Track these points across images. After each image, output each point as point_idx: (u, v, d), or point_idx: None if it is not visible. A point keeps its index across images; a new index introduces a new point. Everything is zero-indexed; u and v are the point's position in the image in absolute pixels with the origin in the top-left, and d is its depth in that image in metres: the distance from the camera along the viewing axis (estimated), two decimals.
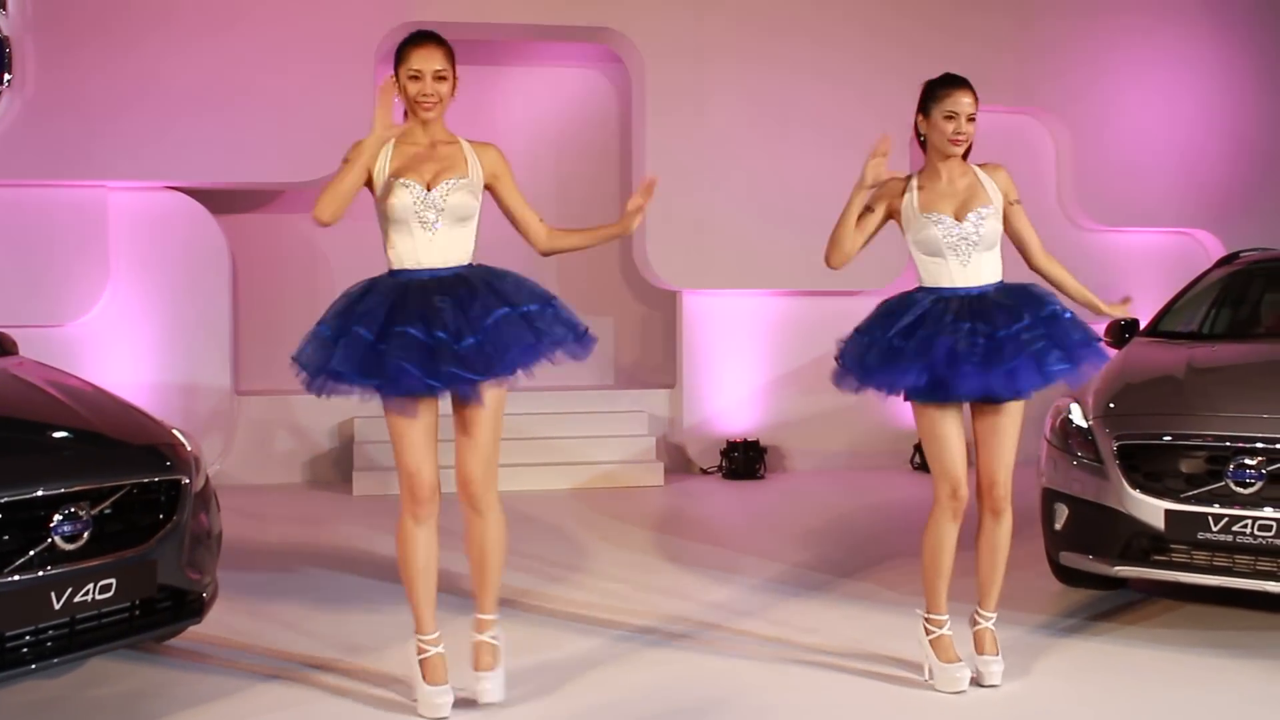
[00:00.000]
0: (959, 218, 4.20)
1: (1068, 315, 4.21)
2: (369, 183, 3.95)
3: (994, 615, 4.36)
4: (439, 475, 4.05)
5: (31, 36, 8.38)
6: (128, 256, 8.70)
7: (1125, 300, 4.49)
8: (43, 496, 3.63)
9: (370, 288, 3.94)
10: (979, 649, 4.33)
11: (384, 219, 3.95)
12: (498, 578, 4.17)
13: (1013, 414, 4.23)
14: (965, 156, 4.32)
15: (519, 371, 3.92)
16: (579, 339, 4.06)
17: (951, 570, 4.30)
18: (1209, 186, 10.39)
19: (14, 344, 5.04)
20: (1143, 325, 6.36)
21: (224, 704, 4.13)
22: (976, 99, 4.26)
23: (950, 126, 4.21)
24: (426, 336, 3.77)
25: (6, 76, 8.29)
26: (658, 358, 10.21)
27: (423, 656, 4.02)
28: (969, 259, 4.21)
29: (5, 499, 3.56)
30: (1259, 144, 10.56)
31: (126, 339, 8.63)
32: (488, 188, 4.10)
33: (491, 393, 3.97)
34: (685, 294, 9.57)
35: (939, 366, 4.07)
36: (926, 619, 4.34)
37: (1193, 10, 10.55)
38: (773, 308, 9.65)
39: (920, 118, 4.32)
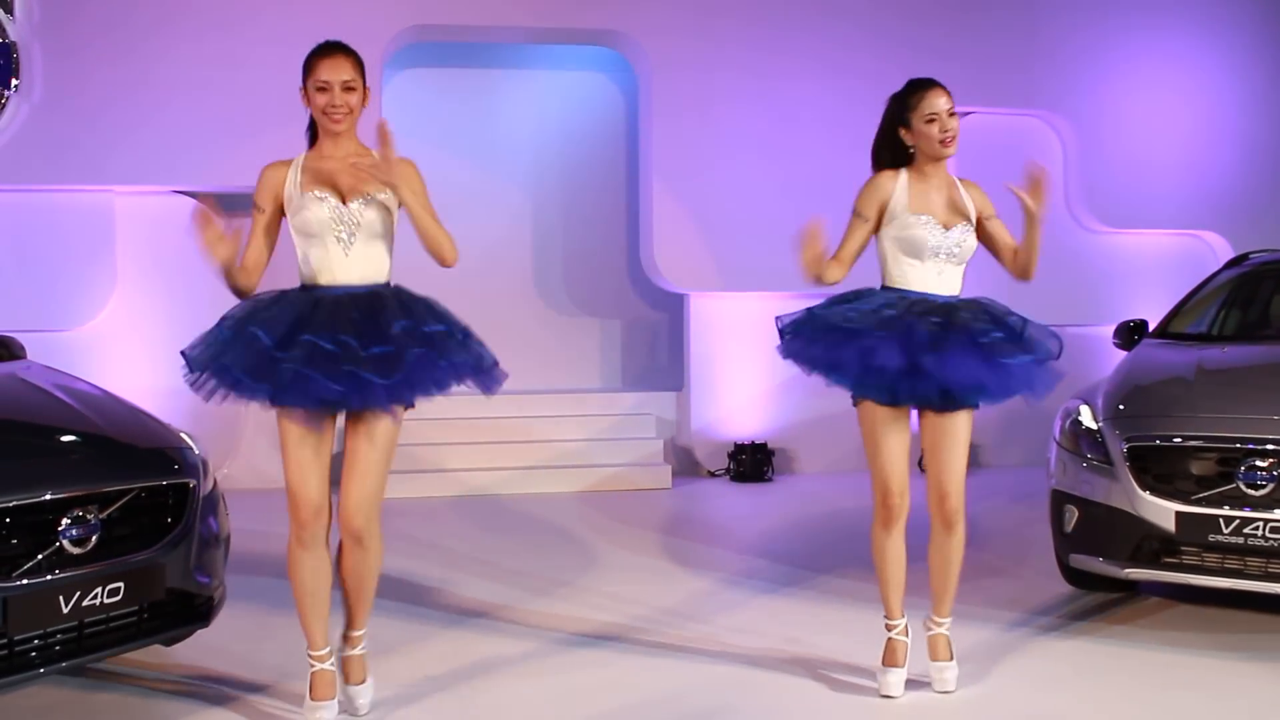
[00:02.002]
0: (946, 227, 4.13)
1: (1027, 334, 4.09)
2: (279, 205, 3.89)
3: (948, 620, 4.28)
4: (327, 496, 3.87)
5: (38, 42, 8.39)
6: (135, 261, 8.71)
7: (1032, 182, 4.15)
8: (51, 500, 3.62)
9: (280, 298, 3.86)
10: (932, 655, 4.26)
11: (298, 234, 3.85)
12: (373, 598, 4.02)
13: (963, 424, 4.14)
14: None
15: (419, 395, 3.78)
16: (485, 370, 3.89)
17: (901, 575, 4.25)
18: (1217, 188, 10.38)
19: (22, 348, 5.05)
20: (1152, 327, 6.35)
21: (231, 708, 4.12)
22: (950, 95, 4.16)
23: (935, 129, 4.11)
24: (333, 346, 3.65)
25: (14, 82, 8.31)
26: (665, 361, 10.21)
27: (311, 670, 3.93)
28: (943, 270, 4.14)
29: (13, 503, 3.55)
30: (1267, 145, 10.54)
31: (135, 343, 8.63)
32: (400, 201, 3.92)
33: (383, 423, 3.80)
34: (692, 297, 9.57)
35: (920, 350, 3.94)
36: (884, 622, 4.30)
37: (1200, 12, 10.53)
38: (779, 310, 9.59)
39: (902, 130, 4.19)
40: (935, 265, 4.13)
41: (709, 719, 4.07)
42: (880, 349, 3.97)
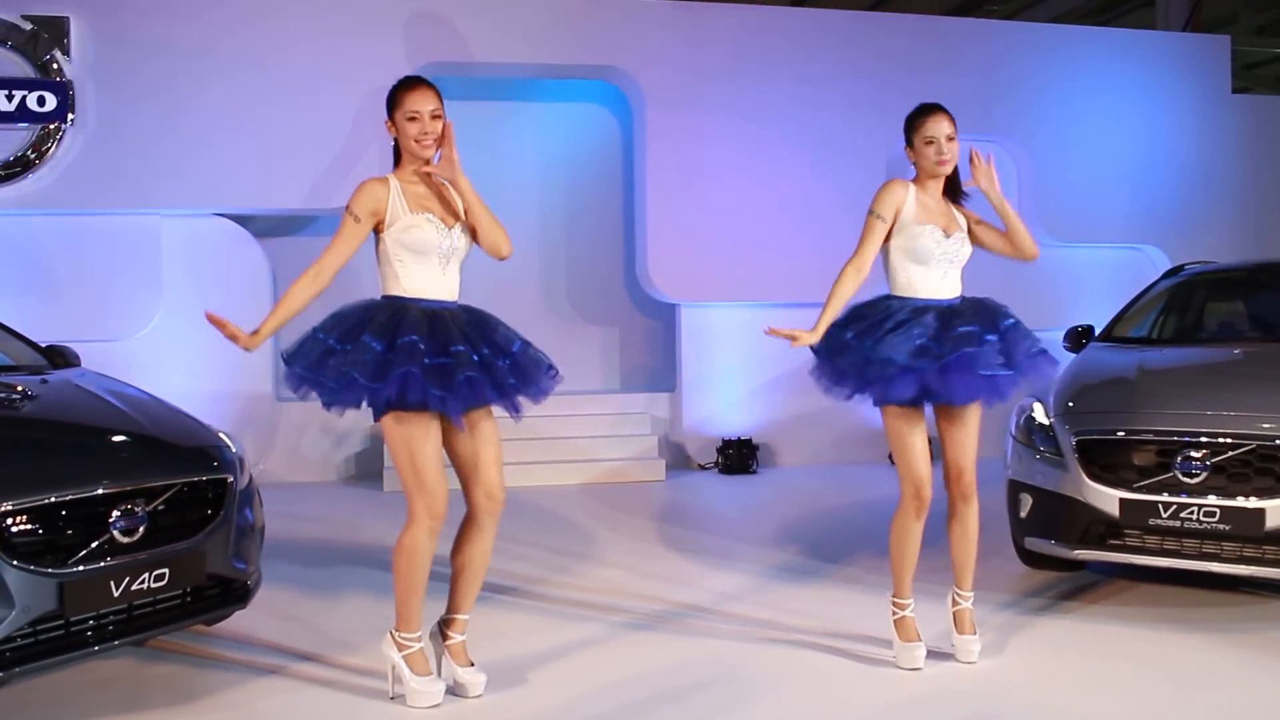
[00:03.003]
0: (947, 234, 4.17)
1: (1020, 327, 4.19)
2: (378, 220, 3.78)
3: (971, 595, 4.31)
4: None
5: (92, 80, 8.41)
6: (179, 277, 8.72)
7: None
8: (103, 494, 3.63)
9: (398, 311, 3.73)
10: (960, 629, 4.27)
11: (405, 250, 3.76)
12: None
13: (974, 412, 4.21)
14: (956, 174, 4.29)
15: (534, 399, 3.87)
16: (554, 377, 3.96)
17: (916, 560, 4.25)
18: (1156, 206, 10.43)
19: (77, 357, 5.05)
20: (1098, 331, 6.36)
21: (267, 681, 4.12)
22: (953, 121, 4.21)
23: (932, 150, 4.17)
24: (477, 356, 3.69)
25: (70, 116, 8.32)
26: (659, 364, 10.22)
27: (408, 651, 3.82)
28: (946, 273, 4.18)
29: (69, 497, 3.56)
30: (1201, 168, 10.62)
31: (178, 352, 8.63)
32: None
33: (493, 420, 3.88)
34: (683, 306, 9.57)
35: (931, 380, 4.01)
36: (894, 601, 4.28)
37: (1141, 51, 10.60)
38: (762, 318, 9.60)
39: (906, 149, 4.26)
40: (940, 269, 4.16)
41: (697, 690, 4.06)
42: (899, 382, 4.02)
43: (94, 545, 3.58)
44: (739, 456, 9.23)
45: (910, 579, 4.26)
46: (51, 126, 8.30)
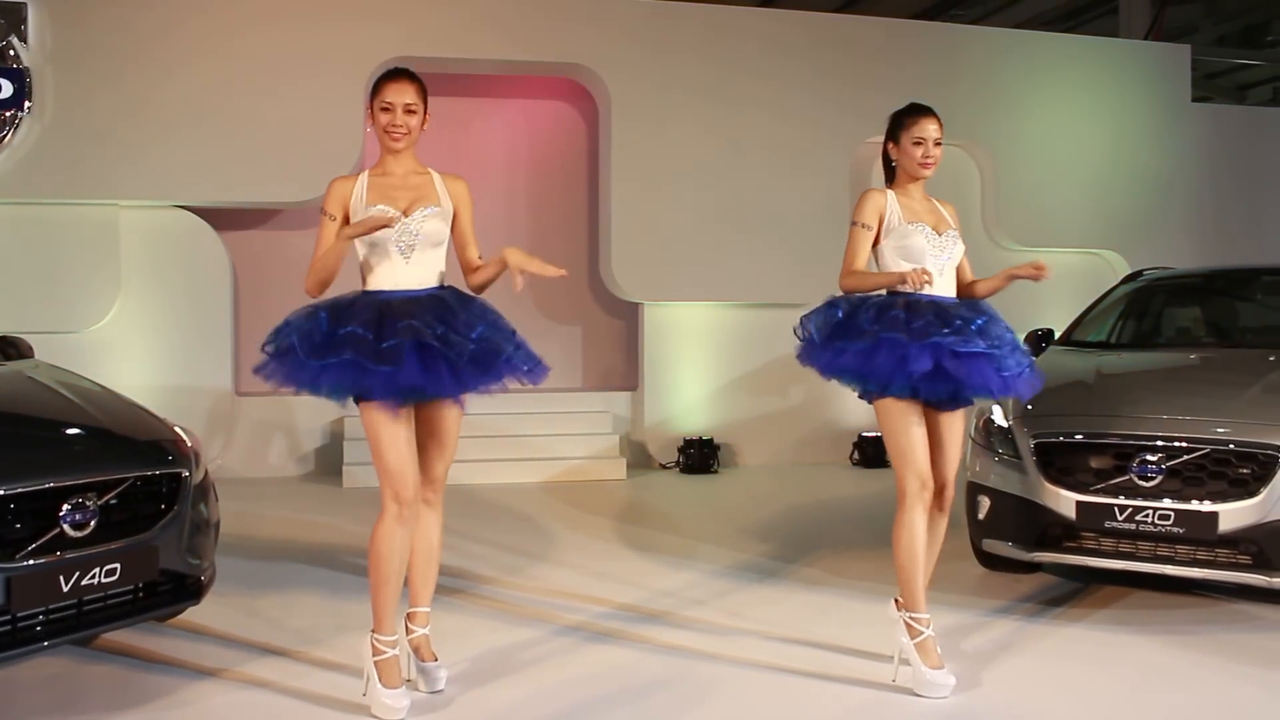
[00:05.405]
0: (938, 232, 4.10)
1: (1013, 337, 4.08)
2: (345, 216, 3.79)
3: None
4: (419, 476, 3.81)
5: (50, 67, 8.29)
6: (138, 269, 8.61)
7: (1033, 265, 4.11)
8: (53, 488, 3.57)
9: (351, 303, 3.71)
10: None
11: (362, 243, 3.78)
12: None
13: (962, 420, 4.14)
14: None
15: (482, 389, 3.75)
16: (536, 368, 3.89)
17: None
18: (1116, 211, 10.54)
19: (30, 348, 4.97)
20: (1057, 335, 6.40)
21: (221, 678, 4.07)
22: (941, 125, 4.15)
23: (919, 152, 4.10)
24: (418, 345, 3.59)
25: (27, 104, 8.21)
26: (621, 363, 10.20)
27: (380, 658, 3.73)
28: (942, 271, 4.09)
29: (19, 490, 3.50)
30: (1161, 175, 10.74)
31: (136, 345, 8.55)
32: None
33: (453, 410, 3.83)
34: (646, 305, 9.57)
35: (945, 359, 3.82)
36: (912, 619, 3.98)
37: (1105, 56, 10.70)
38: (725, 318, 9.67)
39: (890, 144, 4.19)
40: (936, 266, 4.05)
41: (650, 690, 4.04)
42: (913, 355, 3.83)
43: (43, 539, 3.51)
44: (700, 456, 9.23)
45: (924, 588, 4.05)
46: (8, 114, 8.17)
